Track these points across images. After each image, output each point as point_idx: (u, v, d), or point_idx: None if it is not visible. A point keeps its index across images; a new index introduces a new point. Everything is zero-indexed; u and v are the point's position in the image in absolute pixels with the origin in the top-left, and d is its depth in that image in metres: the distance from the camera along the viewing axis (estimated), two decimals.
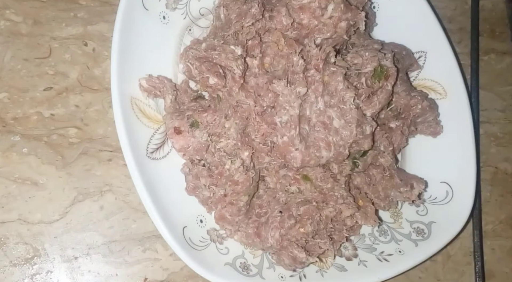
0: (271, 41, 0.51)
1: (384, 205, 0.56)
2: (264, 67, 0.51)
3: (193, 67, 0.50)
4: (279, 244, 0.48)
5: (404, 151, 0.62)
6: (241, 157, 0.49)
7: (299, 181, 0.51)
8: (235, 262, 0.50)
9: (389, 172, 0.56)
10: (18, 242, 0.51)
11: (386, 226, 0.58)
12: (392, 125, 0.57)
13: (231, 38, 0.50)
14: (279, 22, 0.50)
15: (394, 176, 0.56)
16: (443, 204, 0.59)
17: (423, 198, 0.59)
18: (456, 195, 0.59)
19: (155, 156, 0.49)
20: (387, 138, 0.56)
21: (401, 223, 0.58)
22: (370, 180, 0.56)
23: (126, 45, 0.48)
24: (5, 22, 0.54)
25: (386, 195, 0.56)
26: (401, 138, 0.58)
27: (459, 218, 0.57)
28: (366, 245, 0.56)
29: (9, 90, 0.53)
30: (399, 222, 0.58)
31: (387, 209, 0.58)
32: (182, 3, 0.53)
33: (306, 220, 0.49)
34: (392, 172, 0.56)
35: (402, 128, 0.57)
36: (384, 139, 0.55)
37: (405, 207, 0.59)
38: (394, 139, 0.57)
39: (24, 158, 0.52)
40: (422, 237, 0.57)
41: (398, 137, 0.57)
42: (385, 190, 0.56)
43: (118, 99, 0.47)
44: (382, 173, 0.56)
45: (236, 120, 0.50)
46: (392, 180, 0.56)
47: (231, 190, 0.48)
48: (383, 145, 0.55)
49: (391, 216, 0.59)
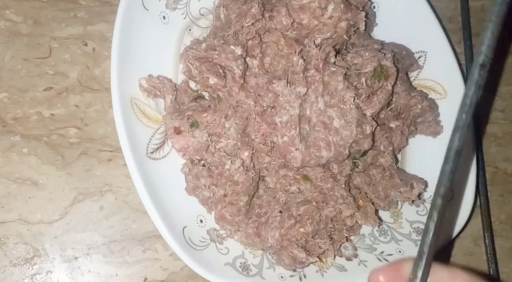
0: (271, 41, 0.51)
1: (384, 205, 0.56)
2: (264, 67, 0.51)
3: (193, 67, 0.50)
4: (279, 244, 0.48)
5: (404, 151, 0.62)
6: (241, 157, 0.49)
7: (299, 181, 0.51)
8: (235, 262, 0.50)
9: (389, 171, 0.56)
10: (18, 242, 0.51)
11: (386, 226, 0.58)
12: (392, 125, 0.57)
13: (231, 38, 0.50)
14: (279, 22, 0.50)
15: (394, 175, 0.56)
16: None
17: (423, 198, 0.59)
18: (456, 195, 0.58)
19: (155, 156, 0.49)
20: (387, 138, 0.56)
21: (401, 223, 0.58)
22: (370, 180, 0.56)
23: (126, 45, 0.48)
24: (5, 22, 0.54)
25: (386, 195, 0.56)
26: (401, 138, 0.58)
27: (459, 219, 0.57)
28: (366, 245, 0.56)
29: (9, 90, 0.53)
30: (399, 222, 0.58)
31: (387, 209, 0.57)
32: (182, 3, 0.53)
33: (306, 220, 0.49)
34: (392, 172, 0.56)
35: (402, 128, 0.57)
36: (384, 139, 0.55)
37: (405, 207, 0.59)
38: (394, 139, 0.57)
39: (24, 158, 0.52)
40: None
41: (398, 137, 0.57)
42: (385, 190, 0.56)
43: (118, 99, 0.47)
44: (382, 172, 0.56)
45: (236, 120, 0.50)
46: (392, 179, 0.56)
47: (231, 190, 0.48)
48: (383, 144, 0.55)
49: (391, 216, 0.59)
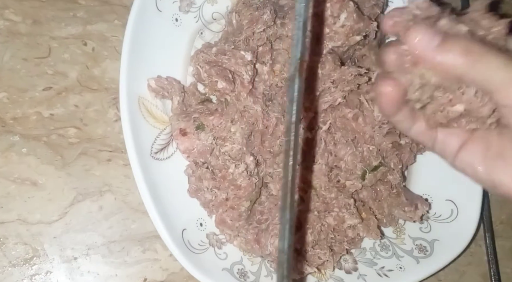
0: (282, 48, 0.52)
1: (386, 221, 0.56)
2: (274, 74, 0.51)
3: (202, 70, 0.50)
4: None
5: (410, 168, 0.61)
6: (245, 162, 0.49)
7: (303, 189, 0.51)
8: (233, 268, 0.49)
9: (396, 189, 0.56)
10: (17, 243, 0.50)
11: (388, 241, 0.57)
12: (401, 142, 0.57)
13: (241, 44, 0.50)
14: (290, 29, 0.50)
15: (400, 194, 0.56)
16: (447, 222, 0.58)
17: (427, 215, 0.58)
18: (460, 214, 0.58)
19: (159, 156, 0.49)
20: (397, 155, 0.56)
21: (403, 238, 0.57)
22: (377, 195, 0.56)
23: (137, 44, 0.48)
24: (4, 21, 0.54)
25: (390, 212, 0.56)
26: (410, 156, 0.57)
27: (462, 238, 0.57)
28: (367, 259, 0.55)
29: (8, 90, 0.53)
30: (401, 238, 0.57)
31: (388, 226, 0.57)
32: (195, 6, 0.54)
33: (307, 229, 0.48)
34: (399, 190, 0.56)
35: (411, 145, 0.57)
36: (394, 156, 0.55)
37: (408, 223, 0.58)
38: (403, 156, 0.57)
39: (23, 158, 0.52)
40: (424, 254, 0.56)
41: (407, 155, 0.57)
42: (390, 207, 0.56)
43: (125, 97, 0.47)
44: (389, 190, 0.56)
45: (242, 125, 0.50)
46: (398, 198, 0.56)
47: (233, 194, 0.48)
48: (393, 162, 0.55)
49: (394, 231, 0.58)
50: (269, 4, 0.51)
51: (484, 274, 0.65)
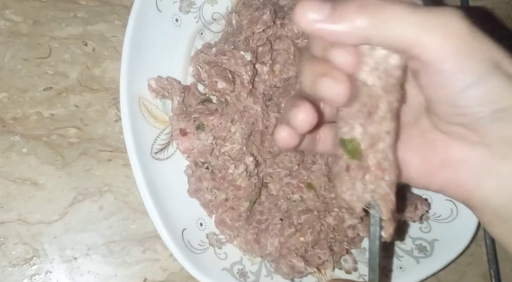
0: (282, 48, 0.52)
1: None
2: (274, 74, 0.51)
3: (202, 70, 0.50)
4: (278, 252, 0.48)
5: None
6: (245, 162, 0.49)
7: (302, 189, 0.51)
8: (233, 268, 0.49)
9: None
10: (17, 242, 0.51)
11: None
12: None
13: (241, 44, 0.50)
14: (290, 30, 0.50)
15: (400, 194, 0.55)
16: (447, 222, 0.58)
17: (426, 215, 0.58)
18: (460, 214, 0.58)
19: (159, 156, 0.49)
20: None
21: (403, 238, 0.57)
22: None
23: (138, 45, 0.48)
24: (5, 22, 0.55)
25: None
26: None
27: (462, 238, 0.56)
28: (367, 259, 0.55)
29: (9, 90, 0.53)
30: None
31: None
32: (195, 7, 0.54)
33: (307, 229, 0.48)
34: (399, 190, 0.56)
35: None
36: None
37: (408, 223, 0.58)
38: None
39: (24, 158, 0.52)
40: (424, 254, 0.56)
41: None
42: None
43: (126, 97, 0.47)
44: None
45: (242, 125, 0.50)
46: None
47: (233, 194, 0.48)
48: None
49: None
50: (269, 5, 0.51)
51: (484, 274, 0.64)
